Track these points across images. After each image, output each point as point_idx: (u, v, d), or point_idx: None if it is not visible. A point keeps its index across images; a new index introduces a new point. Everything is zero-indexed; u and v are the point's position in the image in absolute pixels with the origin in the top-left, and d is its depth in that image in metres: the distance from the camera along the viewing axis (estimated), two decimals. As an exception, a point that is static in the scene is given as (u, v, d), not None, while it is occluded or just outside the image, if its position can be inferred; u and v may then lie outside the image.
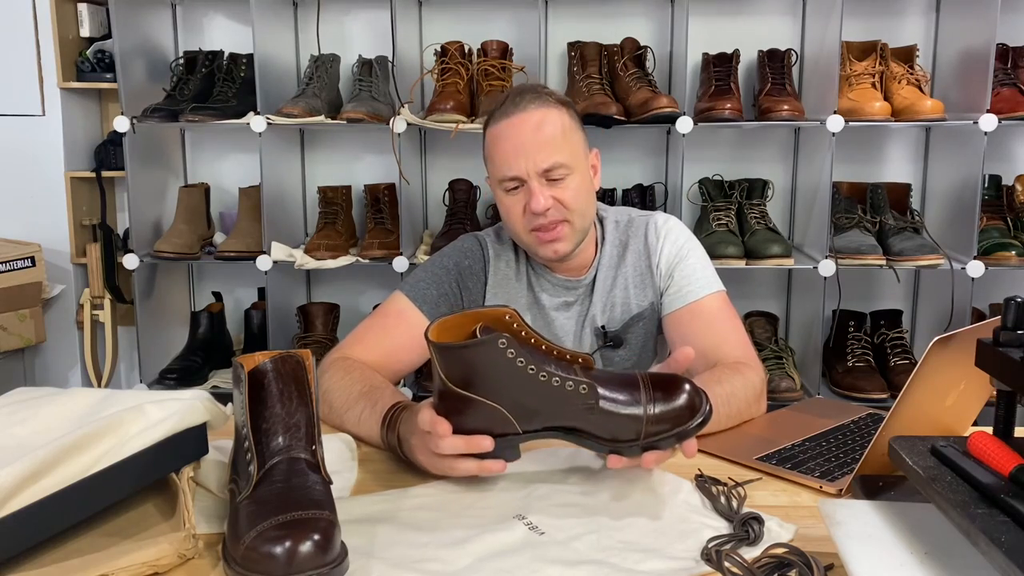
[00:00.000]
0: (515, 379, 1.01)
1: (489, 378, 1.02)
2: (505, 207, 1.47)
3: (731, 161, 2.73)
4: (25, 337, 2.59)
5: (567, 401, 1.01)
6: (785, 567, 0.87)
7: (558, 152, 1.42)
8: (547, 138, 1.42)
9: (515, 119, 1.43)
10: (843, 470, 1.15)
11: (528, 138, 1.42)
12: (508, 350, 1.00)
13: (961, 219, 2.49)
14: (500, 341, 1.00)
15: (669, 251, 1.54)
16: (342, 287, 2.86)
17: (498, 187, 1.47)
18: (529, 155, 1.41)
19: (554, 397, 1.01)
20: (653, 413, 1.00)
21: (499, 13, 2.71)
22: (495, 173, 1.47)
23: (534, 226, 1.44)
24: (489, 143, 1.48)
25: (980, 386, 1.06)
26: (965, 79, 2.50)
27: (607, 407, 1.01)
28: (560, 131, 1.44)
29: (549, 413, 1.02)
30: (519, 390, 1.01)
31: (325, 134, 2.81)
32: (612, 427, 1.01)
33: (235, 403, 1.01)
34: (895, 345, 2.56)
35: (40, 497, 0.86)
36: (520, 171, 1.42)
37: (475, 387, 1.03)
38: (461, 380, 1.03)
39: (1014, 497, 0.75)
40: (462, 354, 1.02)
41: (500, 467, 1.06)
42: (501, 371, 1.01)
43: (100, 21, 2.73)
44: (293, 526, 0.85)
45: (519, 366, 1.01)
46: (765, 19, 2.70)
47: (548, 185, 1.42)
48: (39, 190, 2.67)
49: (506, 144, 1.43)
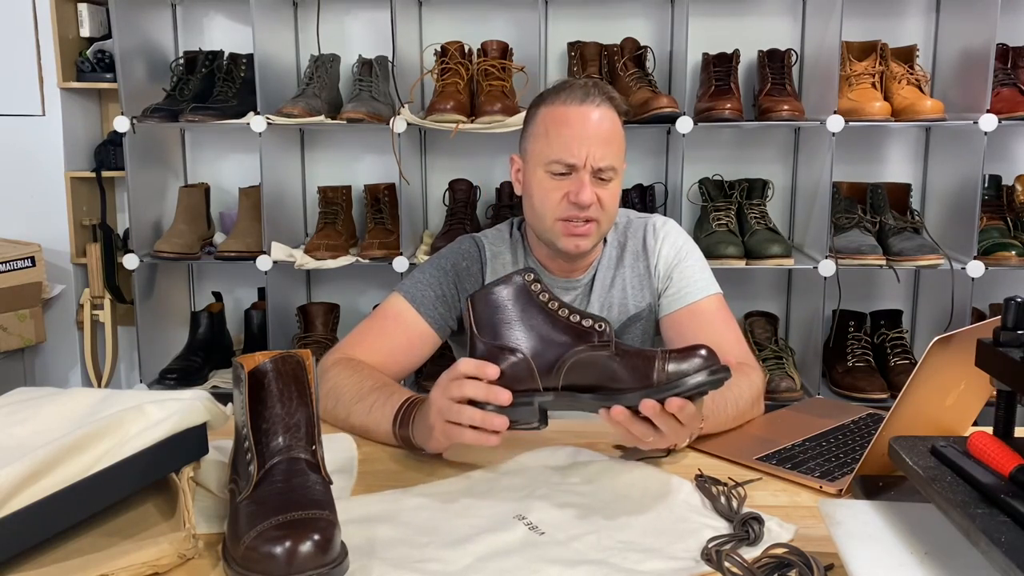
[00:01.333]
0: (537, 316, 1.07)
1: (514, 319, 1.07)
2: (543, 189, 1.45)
3: (731, 161, 2.73)
4: (25, 337, 2.59)
5: (585, 339, 1.04)
6: (785, 567, 0.87)
7: (614, 155, 1.44)
8: (609, 137, 1.44)
9: (585, 109, 1.44)
10: (843, 470, 1.15)
11: (593, 131, 1.43)
12: (533, 284, 1.08)
13: (961, 219, 2.49)
14: (527, 274, 1.08)
15: (667, 253, 1.55)
16: (342, 287, 2.86)
17: (541, 167, 1.45)
18: (591, 148, 1.42)
19: (573, 335, 1.05)
20: (668, 360, 1.01)
21: (499, 13, 2.71)
22: (546, 153, 1.44)
23: (568, 216, 1.44)
24: (547, 122, 1.46)
25: (980, 386, 1.06)
26: (965, 79, 2.50)
27: (624, 347, 1.04)
28: (619, 136, 1.47)
29: (568, 358, 1.04)
30: (540, 328, 1.06)
31: (325, 134, 2.81)
32: (627, 370, 1.01)
33: (235, 403, 1.01)
34: (895, 345, 2.56)
35: (40, 497, 0.86)
36: (578, 160, 1.42)
37: (501, 335, 1.07)
38: (489, 328, 1.08)
39: (1014, 497, 0.75)
40: (490, 296, 1.08)
41: (503, 422, 1.05)
42: (524, 307, 1.07)
43: (100, 21, 2.73)
44: (293, 526, 0.85)
45: (542, 300, 1.07)
46: (765, 19, 2.70)
47: (595, 183, 1.44)
48: (39, 190, 2.67)
49: (570, 130, 1.43)
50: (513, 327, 1.07)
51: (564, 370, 1.04)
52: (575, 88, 1.46)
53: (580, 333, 1.05)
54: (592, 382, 1.03)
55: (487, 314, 1.08)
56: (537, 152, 1.47)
